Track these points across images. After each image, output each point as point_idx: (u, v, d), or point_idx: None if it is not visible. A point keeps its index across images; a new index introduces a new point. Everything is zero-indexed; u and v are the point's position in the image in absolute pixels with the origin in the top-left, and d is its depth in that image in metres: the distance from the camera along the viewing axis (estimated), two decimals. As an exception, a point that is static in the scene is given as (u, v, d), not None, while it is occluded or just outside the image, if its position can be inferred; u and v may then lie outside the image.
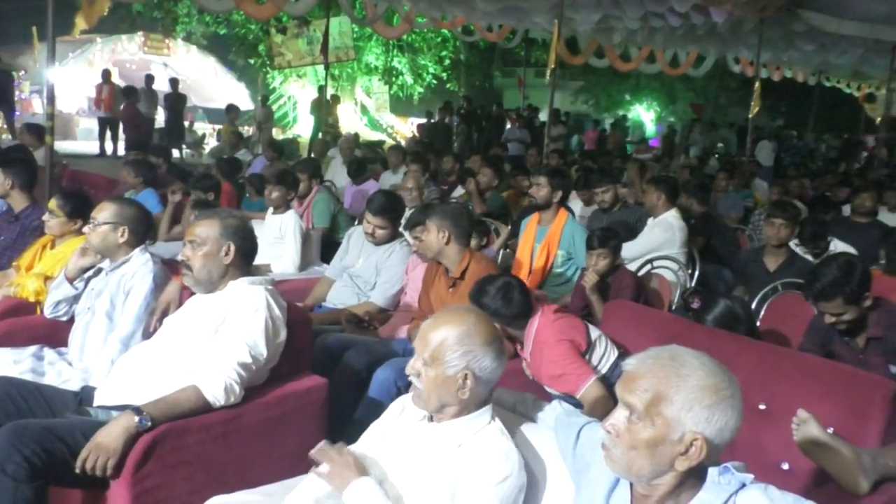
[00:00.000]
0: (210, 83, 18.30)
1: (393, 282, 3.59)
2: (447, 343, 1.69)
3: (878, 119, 15.55)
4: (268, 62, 18.97)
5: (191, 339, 2.32)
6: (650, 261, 4.26)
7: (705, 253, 4.89)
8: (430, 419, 1.79)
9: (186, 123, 14.78)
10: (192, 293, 2.47)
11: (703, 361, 1.36)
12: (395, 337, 3.35)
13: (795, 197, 7.76)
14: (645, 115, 25.89)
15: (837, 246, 4.49)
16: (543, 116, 14.59)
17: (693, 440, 1.31)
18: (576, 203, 6.00)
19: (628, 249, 4.26)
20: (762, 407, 2.32)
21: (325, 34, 11.71)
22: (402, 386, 2.81)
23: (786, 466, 2.21)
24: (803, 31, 9.88)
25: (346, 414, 2.90)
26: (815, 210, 6.38)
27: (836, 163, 15.07)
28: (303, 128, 18.17)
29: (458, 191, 6.99)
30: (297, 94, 19.88)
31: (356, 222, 5.02)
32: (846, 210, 6.15)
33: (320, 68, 15.14)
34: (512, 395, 2.00)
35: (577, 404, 2.48)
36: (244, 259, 2.43)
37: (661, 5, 8.96)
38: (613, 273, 3.56)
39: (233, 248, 2.37)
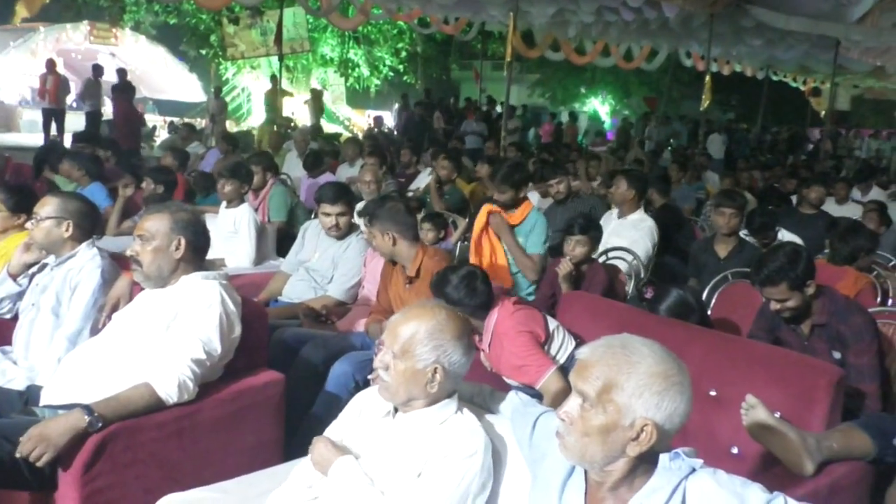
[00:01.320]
0: (160, 74, 17.88)
1: (350, 275, 3.56)
2: (418, 337, 1.69)
3: (823, 112, 16.05)
4: (220, 53, 18.61)
5: (142, 335, 2.27)
6: (606, 252, 4.32)
7: (664, 244, 4.99)
8: (395, 413, 1.78)
9: (136, 115, 14.38)
10: (143, 288, 2.42)
11: (654, 349, 1.40)
12: (352, 331, 3.33)
13: (745, 188, 7.97)
14: (600, 108, 26.21)
15: (785, 236, 4.63)
16: (501, 109, 14.67)
17: (644, 426, 1.33)
18: (532, 195, 6.05)
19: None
20: (713, 393, 2.38)
21: (279, 25, 11.53)
22: (361, 380, 2.80)
23: (735, 451, 2.27)
24: (751, 26, 10.13)
25: (304, 409, 2.87)
26: (764, 201, 6.57)
27: (785, 155, 15.51)
28: (257, 120, 17.90)
29: (417, 182, 7.00)
30: (251, 85, 19.55)
31: (312, 216, 4.96)
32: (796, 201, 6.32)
33: (274, 59, 14.90)
34: (469, 387, 2.00)
35: (537, 395, 2.51)
36: (196, 253, 2.38)
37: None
38: (588, 265, 3.60)
39: (184, 242, 2.32)
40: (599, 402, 1.34)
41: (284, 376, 2.55)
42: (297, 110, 16.70)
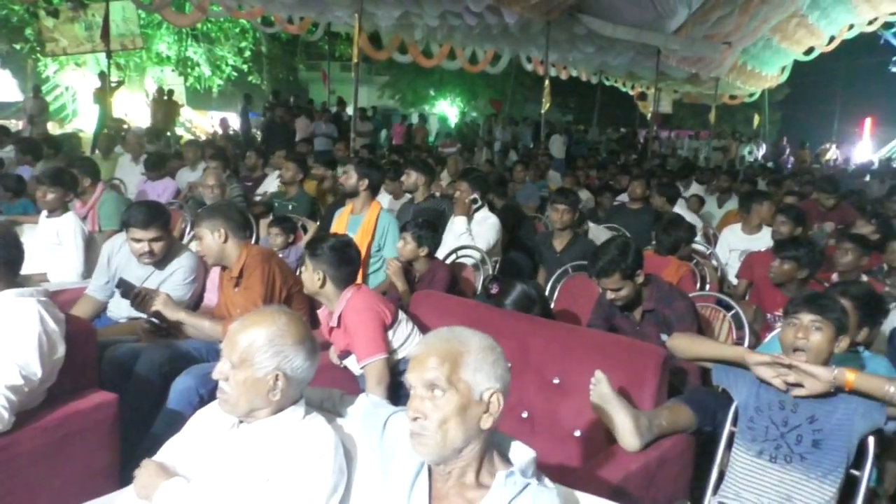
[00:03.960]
0: (-35, 70, 16.02)
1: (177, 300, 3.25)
2: (257, 344, 1.64)
3: (649, 115, 17.40)
4: (38, 48, 16.98)
5: (-57, 363, 2.01)
6: (455, 251, 4.42)
7: (508, 241, 5.20)
8: (239, 424, 1.71)
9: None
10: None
11: (473, 330, 1.51)
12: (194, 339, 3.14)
13: (584, 186, 8.49)
14: (449, 110, 26.81)
15: (591, 228, 5.01)
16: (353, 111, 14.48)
17: (491, 395, 1.43)
18: (383, 197, 6.07)
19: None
20: (556, 381, 2.51)
21: (105, 19, 10.72)
22: (206, 394, 2.66)
23: (578, 433, 2.40)
24: (584, 33, 10.81)
25: (145, 429, 2.68)
26: (600, 197, 7.05)
27: (617, 154, 16.66)
28: (84, 121, 16.50)
29: (264, 186, 6.77)
30: (76, 84, 18.00)
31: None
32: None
33: (103, 56, 13.82)
34: (319, 393, 1.97)
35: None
36: (7, 269, 2.17)
37: (457, 4, 9.32)
38: (430, 263, 3.69)
39: (-10, 257, 2.10)
40: (451, 384, 1.41)
41: (118, 396, 2.38)
42: (130, 111, 15.60)
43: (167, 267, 3.30)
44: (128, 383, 2.77)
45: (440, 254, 4.18)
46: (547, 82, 10.89)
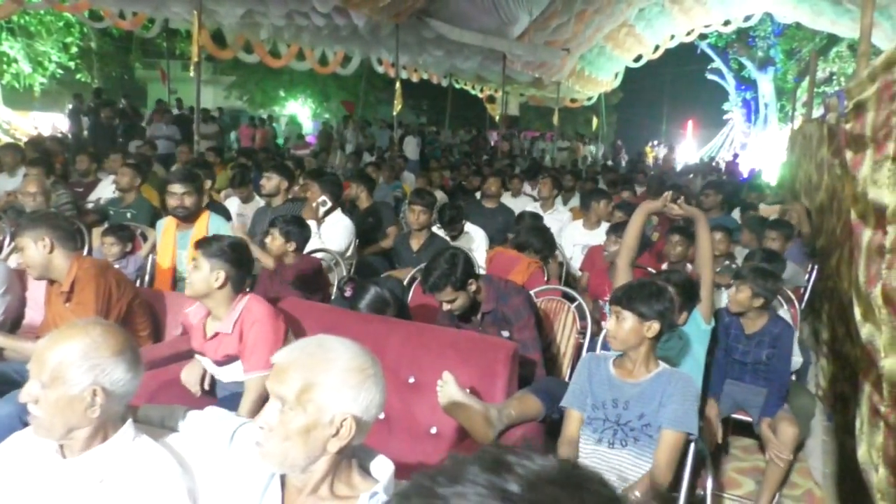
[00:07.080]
0: None
1: None
2: (69, 359, 1.51)
3: (498, 117, 18.02)
4: None
5: None
6: (309, 254, 4.33)
7: (371, 242, 5.19)
8: (63, 455, 1.57)
9: None
10: None
11: (348, 346, 1.43)
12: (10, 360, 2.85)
13: (438, 187, 8.64)
14: (301, 111, 26.26)
15: (470, 229, 5.12)
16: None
17: (343, 420, 1.36)
18: (232, 201, 5.84)
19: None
20: (412, 380, 2.53)
21: None
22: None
23: (434, 431, 2.44)
24: (432, 37, 10.98)
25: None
26: (453, 197, 7.20)
27: (469, 156, 17.12)
28: None
29: (97, 192, 6.28)
30: None
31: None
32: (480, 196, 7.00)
33: None
34: (159, 410, 1.85)
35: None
36: None
37: (304, 4, 9.14)
38: (297, 259, 3.71)
39: None
40: (299, 403, 1.34)
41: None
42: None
43: None
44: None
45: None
46: (398, 84, 10.94)
